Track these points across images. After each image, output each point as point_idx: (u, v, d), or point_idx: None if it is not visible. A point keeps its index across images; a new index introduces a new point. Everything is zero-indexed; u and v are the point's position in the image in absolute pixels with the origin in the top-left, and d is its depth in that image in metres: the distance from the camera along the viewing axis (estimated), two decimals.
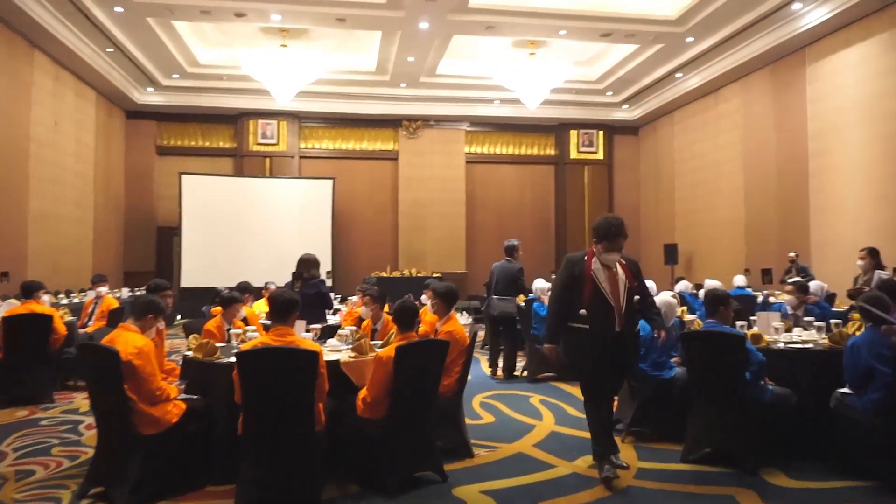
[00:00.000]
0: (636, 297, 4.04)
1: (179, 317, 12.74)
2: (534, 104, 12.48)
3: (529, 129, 16.64)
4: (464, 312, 7.83)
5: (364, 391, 3.97)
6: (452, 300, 5.03)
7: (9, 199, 10.04)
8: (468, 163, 16.40)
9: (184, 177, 14.31)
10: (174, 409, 3.80)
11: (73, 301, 9.53)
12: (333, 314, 7.27)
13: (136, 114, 15.12)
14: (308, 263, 6.33)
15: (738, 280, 9.29)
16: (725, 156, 13.24)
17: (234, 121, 15.51)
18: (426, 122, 16.09)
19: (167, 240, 15.06)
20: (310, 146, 15.98)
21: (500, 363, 7.81)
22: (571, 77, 13.04)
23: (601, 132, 16.78)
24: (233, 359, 3.68)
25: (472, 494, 3.85)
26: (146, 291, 5.57)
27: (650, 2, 10.61)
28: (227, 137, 15.70)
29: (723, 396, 4.24)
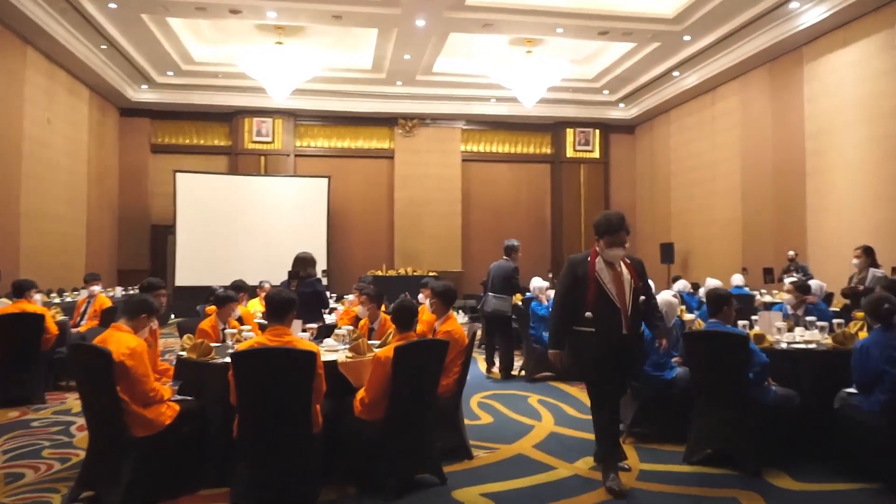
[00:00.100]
0: (641, 298, 3.90)
1: (173, 316, 12.67)
2: (530, 102, 12.43)
3: (526, 128, 16.59)
4: (460, 311, 7.80)
5: (362, 392, 3.91)
6: (451, 299, 4.98)
7: (0, 198, 9.93)
8: (464, 161, 16.35)
9: (178, 175, 14.21)
10: (168, 411, 3.72)
11: (66, 300, 9.43)
12: (329, 313, 7.21)
13: (130, 111, 14.99)
14: (304, 262, 6.26)
15: (736, 279, 9.26)
16: (722, 155, 13.22)
17: (229, 118, 15.40)
18: (422, 121, 16.02)
19: (161, 238, 14.95)
20: (305, 144, 15.89)
21: (497, 362, 7.79)
22: (568, 75, 12.99)
23: (597, 131, 16.75)
24: (228, 359, 3.61)
25: (472, 497, 3.79)
26: (139, 290, 5.49)
27: (648, 0, 10.56)
28: (222, 135, 15.60)
29: (725, 397, 4.19)
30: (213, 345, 4.36)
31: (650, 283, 4.20)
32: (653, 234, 15.71)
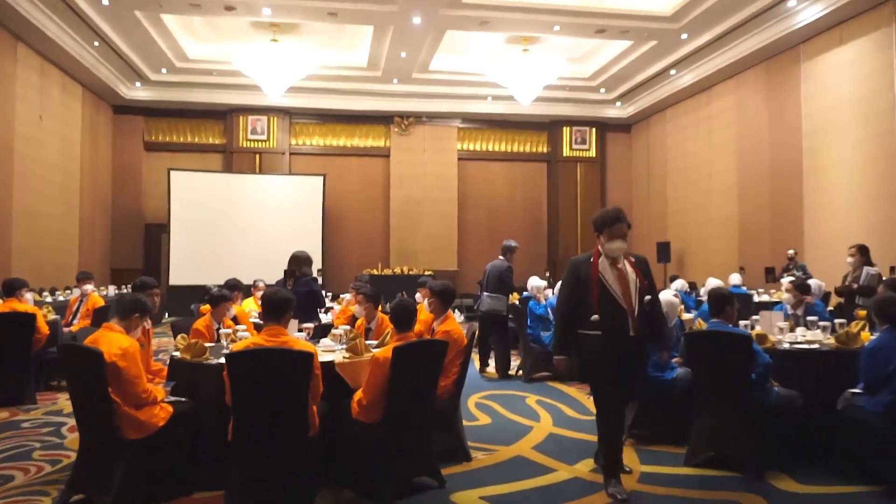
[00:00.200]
0: (647, 298, 3.78)
1: (167, 315, 12.57)
2: (527, 101, 12.40)
3: (522, 126, 16.55)
4: (455, 310, 7.75)
5: (359, 393, 3.84)
6: (450, 299, 4.92)
7: None
8: (460, 160, 16.29)
9: (172, 173, 14.12)
10: (160, 413, 3.65)
11: (58, 299, 9.33)
12: (325, 313, 7.14)
13: (124, 109, 14.87)
14: (300, 261, 6.17)
15: (734, 279, 9.23)
16: (718, 154, 13.20)
17: (224, 116, 15.30)
18: (418, 119, 15.96)
19: (155, 237, 14.85)
20: (300, 143, 15.81)
21: (491, 362, 7.75)
22: (564, 74, 12.95)
23: (594, 129, 16.72)
24: (222, 359, 3.54)
25: (472, 500, 3.72)
26: (132, 289, 5.40)
27: None
28: (217, 133, 15.50)
29: (727, 398, 4.13)
30: (208, 345, 4.28)
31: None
32: (649, 233, 15.68)
